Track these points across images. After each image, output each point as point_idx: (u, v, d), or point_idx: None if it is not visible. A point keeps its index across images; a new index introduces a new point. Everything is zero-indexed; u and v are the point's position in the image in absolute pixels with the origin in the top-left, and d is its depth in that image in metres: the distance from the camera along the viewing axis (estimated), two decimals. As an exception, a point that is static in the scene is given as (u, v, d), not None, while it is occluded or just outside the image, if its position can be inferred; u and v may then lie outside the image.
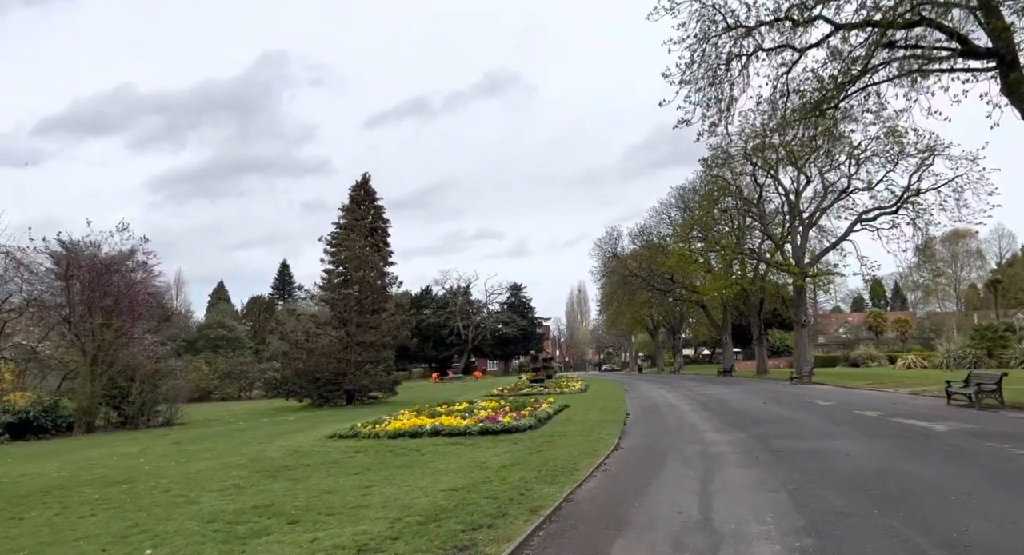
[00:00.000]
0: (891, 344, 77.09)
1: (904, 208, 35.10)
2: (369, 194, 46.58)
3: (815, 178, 38.66)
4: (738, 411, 18.40)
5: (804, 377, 33.98)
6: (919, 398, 20.09)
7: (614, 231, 64.83)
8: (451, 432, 14.49)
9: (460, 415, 16.88)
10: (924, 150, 33.53)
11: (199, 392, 46.60)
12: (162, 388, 23.35)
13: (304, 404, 29.30)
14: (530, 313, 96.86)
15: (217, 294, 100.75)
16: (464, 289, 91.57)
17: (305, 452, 12.86)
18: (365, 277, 29.83)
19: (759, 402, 21.36)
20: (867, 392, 24.64)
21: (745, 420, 15.71)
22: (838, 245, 38.07)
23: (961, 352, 48.94)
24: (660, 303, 63.20)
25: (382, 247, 47.75)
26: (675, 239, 47.44)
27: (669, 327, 72.18)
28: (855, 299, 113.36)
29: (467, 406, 19.55)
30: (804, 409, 17.78)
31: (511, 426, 14.86)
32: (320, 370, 28.03)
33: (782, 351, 71.91)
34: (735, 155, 37.47)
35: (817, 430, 12.89)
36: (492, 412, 17.62)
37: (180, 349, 63.66)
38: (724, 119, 15.47)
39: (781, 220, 41.63)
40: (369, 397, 30.48)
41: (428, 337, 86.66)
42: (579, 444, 12.30)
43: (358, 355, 28.80)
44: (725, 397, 24.59)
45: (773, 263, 40.84)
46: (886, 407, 16.89)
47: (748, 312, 51.05)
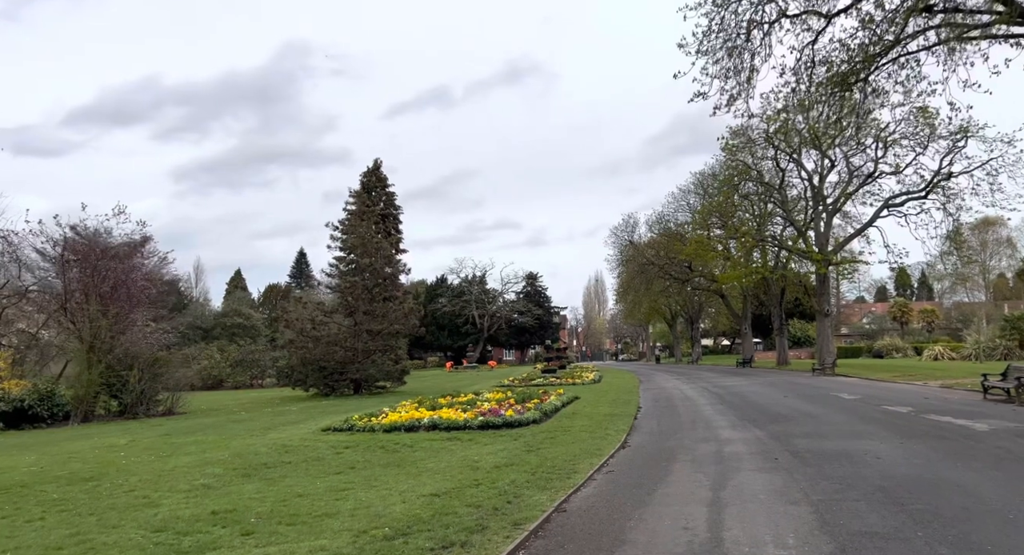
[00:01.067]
0: (917, 335, 75.06)
1: (934, 193, 33.57)
2: (380, 181, 46.04)
3: (839, 162, 37.20)
4: (756, 405, 17.39)
5: (827, 369, 32.77)
6: (952, 392, 18.91)
7: (630, 218, 63.62)
8: (449, 426, 13.69)
9: (462, 407, 16.08)
10: (956, 132, 31.94)
11: (211, 380, 46.46)
12: (164, 376, 22.81)
13: (311, 393, 28.73)
14: (546, 302, 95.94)
15: (234, 282, 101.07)
16: (480, 278, 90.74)
17: (293, 447, 12.13)
18: (373, 264, 29.08)
19: (779, 395, 20.32)
20: (894, 385, 23.46)
21: (764, 415, 14.73)
22: (863, 232, 36.61)
23: (991, 343, 47.24)
24: (678, 292, 61.93)
25: (393, 234, 47.25)
26: (694, 226, 46.14)
27: (687, 317, 70.88)
28: (879, 289, 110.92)
29: (471, 397, 18.75)
30: (827, 404, 16.73)
31: (513, 420, 14.02)
32: (326, 359, 27.40)
33: (803, 342, 70.29)
34: (756, 139, 36.16)
35: (843, 428, 11.88)
36: (496, 404, 16.81)
37: (197, 336, 63.92)
38: (744, 93, 14.38)
39: (804, 206, 40.17)
40: (376, 387, 29.84)
41: (443, 326, 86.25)
42: (583, 441, 11.43)
43: (365, 343, 28.12)
44: (743, 390, 23.55)
45: (795, 250, 39.47)
46: (917, 402, 15.78)
47: (769, 302, 49.69)
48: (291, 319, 28.40)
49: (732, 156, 37.16)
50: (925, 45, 14.43)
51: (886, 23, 13.99)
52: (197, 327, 68.83)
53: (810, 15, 13.65)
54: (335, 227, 29.45)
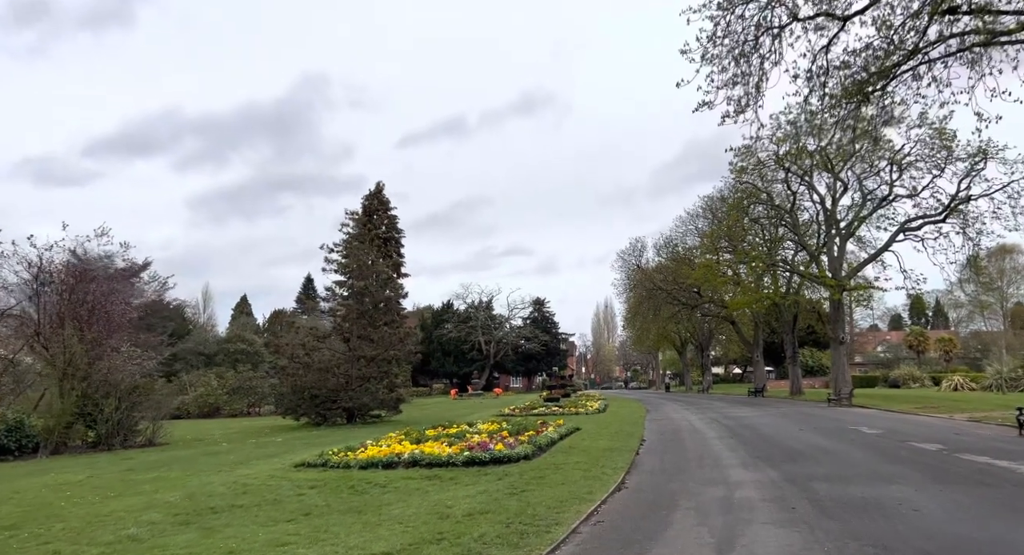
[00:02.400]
0: (934, 364, 72.98)
1: (953, 216, 32.30)
2: (383, 204, 45.17)
3: (853, 185, 36.09)
4: (770, 440, 16.06)
5: (843, 399, 31.22)
6: (983, 427, 17.47)
7: (638, 242, 62.53)
8: (431, 462, 12.47)
9: (450, 440, 14.85)
10: (975, 153, 30.83)
11: (207, 407, 45.36)
12: (143, 405, 21.70)
13: (302, 423, 27.50)
14: (554, 328, 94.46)
15: (240, 308, 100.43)
16: (486, 303, 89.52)
17: (253, 487, 10.95)
18: (368, 287, 28.06)
19: (794, 428, 18.94)
20: (918, 418, 21.99)
21: (778, 452, 13.41)
22: (879, 257, 35.27)
23: (1014, 374, 45.43)
24: (687, 318, 60.45)
25: (394, 258, 46.27)
26: (702, 250, 44.95)
27: (697, 344, 69.22)
28: (893, 317, 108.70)
29: (461, 429, 17.50)
30: (848, 439, 15.37)
31: (502, 455, 12.80)
32: (318, 386, 26.24)
33: (816, 370, 68.39)
34: (766, 161, 35.17)
35: (868, 469, 10.58)
36: (487, 437, 15.57)
37: (200, 362, 62.99)
38: (753, 101, 13.36)
39: (816, 230, 38.97)
40: (371, 416, 28.59)
41: (449, 352, 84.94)
42: (574, 482, 10.20)
43: (359, 370, 26.97)
44: (755, 422, 22.15)
45: (808, 276, 38.16)
46: (947, 438, 14.42)
47: (780, 329, 48.19)
48: (282, 345, 27.32)
49: (741, 178, 36.16)
50: (948, 52, 13.41)
51: (904, 28, 13.02)
52: (200, 353, 67.91)
53: (823, 17, 12.67)
54: (330, 249, 28.35)
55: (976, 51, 13.58)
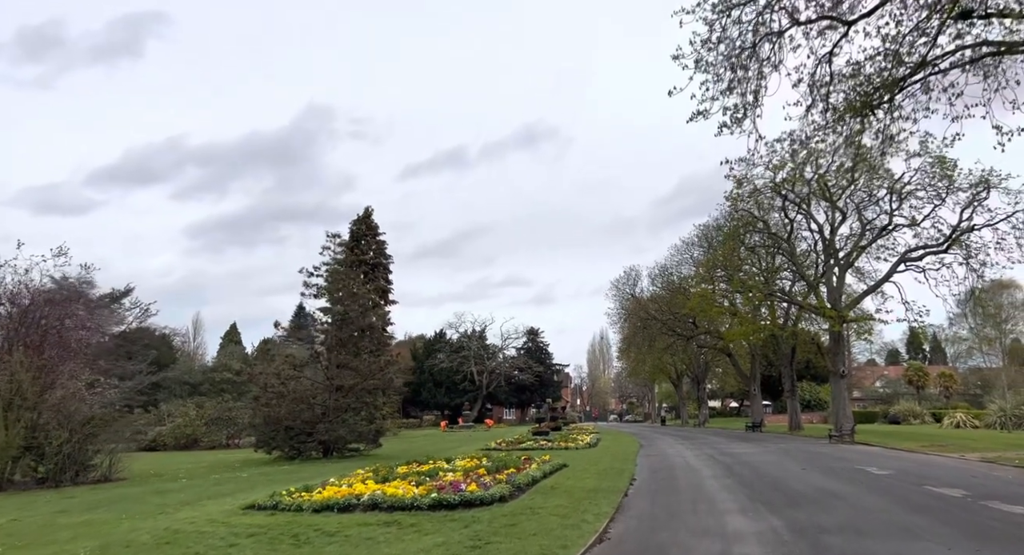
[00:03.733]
0: (934, 400, 71.56)
1: (955, 247, 31.33)
2: (371, 229, 44.36)
3: (851, 214, 35.18)
4: (771, 480, 14.72)
5: (845, 436, 29.84)
6: (999, 469, 16.15)
7: (632, 271, 61.54)
8: (393, 505, 11.12)
9: (419, 479, 13.48)
10: (977, 183, 30.05)
11: (185, 439, 43.55)
12: (99, 438, 20.20)
13: (274, 457, 25.94)
14: (548, 359, 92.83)
15: (229, 336, 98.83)
16: (479, 333, 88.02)
17: (184, 535, 9.59)
18: (348, 312, 26.81)
19: (796, 467, 17.60)
20: (926, 457, 20.65)
21: (781, 495, 12.09)
22: (879, 287, 34.21)
23: (1018, 411, 44.11)
24: (683, 349, 59.12)
25: (383, 284, 45.21)
26: (697, 280, 43.89)
27: (693, 377, 67.76)
28: (890, 351, 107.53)
29: (433, 466, 16.09)
30: (856, 481, 14.05)
31: (475, 497, 11.46)
32: (292, 417, 24.79)
33: (814, 405, 66.83)
34: (762, 188, 34.35)
35: (886, 519, 9.29)
36: (462, 475, 14.21)
37: (184, 392, 61.21)
38: (751, 112, 12.38)
39: (814, 260, 38.00)
40: (349, 449, 27.07)
41: (440, 383, 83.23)
42: (549, 531, 8.89)
43: (336, 400, 25.58)
44: (754, 459, 20.77)
45: (806, 307, 37.04)
46: (965, 482, 13.11)
47: (778, 361, 46.92)
48: (255, 373, 25.93)
49: (737, 206, 35.30)
50: (960, 61, 12.52)
51: (914, 34, 12.13)
52: (185, 382, 66.19)
53: (825, 20, 11.78)
54: (310, 273, 27.15)
55: (988, 62, 12.70)
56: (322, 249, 27.79)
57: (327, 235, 27.75)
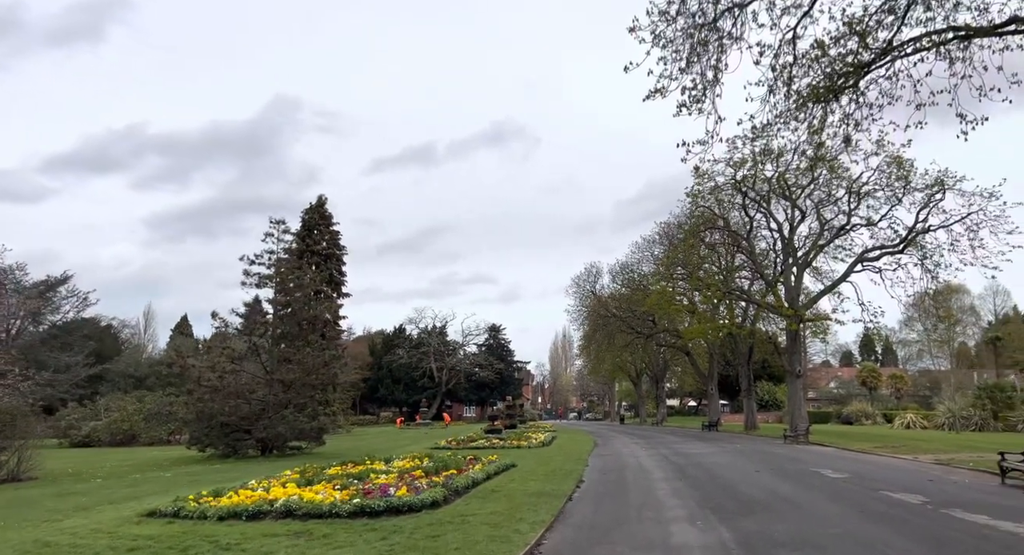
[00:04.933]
0: (886, 401, 72.84)
1: (911, 248, 31.35)
2: (324, 218, 42.74)
3: (810, 213, 35.03)
4: (723, 483, 13.99)
5: (800, 436, 29.57)
6: (955, 472, 15.73)
7: (593, 268, 60.99)
8: (309, 512, 10.02)
9: (345, 482, 12.35)
10: (933, 184, 30.06)
11: (122, 434, 41.39)
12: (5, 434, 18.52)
13: (208, 455, 24.41)
14: (509, 356, 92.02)
15: (179, 329, 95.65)
16: (439, 329, 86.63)
17: (53, 549, 8.33)
18: (291, 303, 25.41)
19: (750, 469, 16.97)
20: (881, 459, 20.30)
21: (733, 501, 11.33)
22: (836, 287, 34.11)
23: (965, 412, 44.82)
24: (643, 348, 58.80)
25: (336, 276, 43.66)
26: (657, 278, 43.42)
27: (652, 375, 67.61)
28: (844, 353, 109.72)
29: (365, 468, 14.96)
30: (811, 485, 13.40)
31: (402, 503, 10.42)
32: (227, 413, 23.32)
33: (770, 405, 67.34)
34: (723, 185, 33.98)
35: (843, 530, 8.54)
36: (396, 477, 13.14)
37: (129, 385, 58.52)
38: (711, 92, 11.56)
39: (773, 259, 37.83)
40: (290, 447, 25.71)
41: (398, 379, 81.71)
42: (475, 544, 7.90)
43: (275, 396, 24.20)
44: (708, 460, 20.13)
45: (764, 305, 36.83)
46: (922, 486, 12.54)
47: (736, 361, 46.80)
48: (186, 365, 24.35)
49: (697, 203, 34.85)
50: (926, 46, 11.92)
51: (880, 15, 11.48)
52: (130, 375, 63.44)
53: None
54: (251, 261, 25.58)
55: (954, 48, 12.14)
56: (265, 236, 26.01)
57: (271, 221, 26.03)
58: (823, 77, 12.33)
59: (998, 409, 46.65)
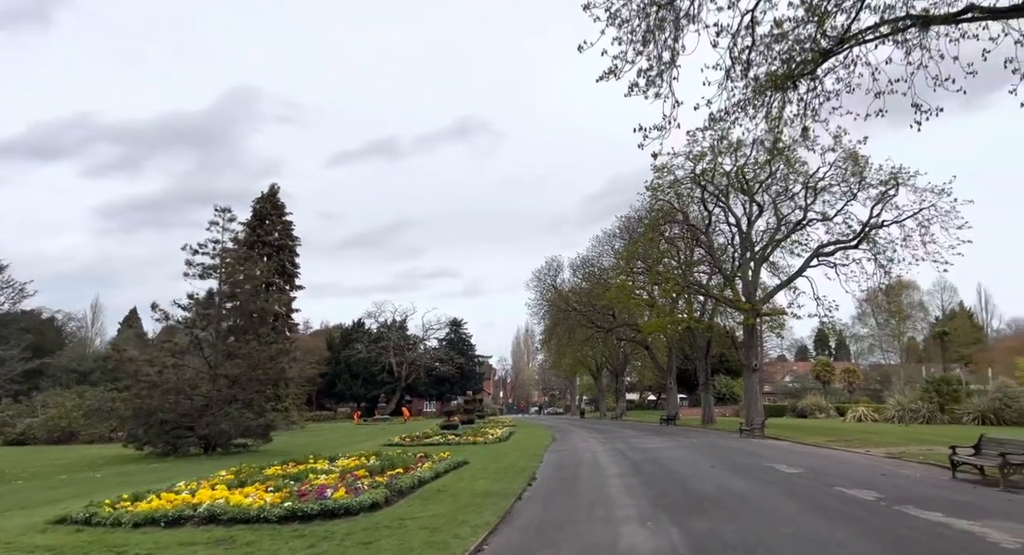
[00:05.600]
0: (839, 395, 74.51)
1: (864, 243, 31.74)
2: (277, 208, 41.36)
3: (768, 208, 35.22)
4: (677, 479, 13.65)
5: (755, 430, 29.67)
6: (906, 466, 15.72)
7: (554, 261, 60.76)
8: (235, 517, 9.28)
9: (279, 483, 11.60)
10: (887, 180, 30.44)
11: (59, 431, 39.54)
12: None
13: (146, 453, 23.23)
14: (470, 351, 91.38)
15: (128, 322, 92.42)
16: (400, 323, 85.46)
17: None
18: (237, 295, 24.33)
19: (705, 464, 16.72)
20: (834, 453, 20.33)
21: (687, 499, 10.95)
22: (793, 282, 34.41)
23: (914, 405, 45.95)
24: (603, 342, 58.83)
25: (288, 268, 42.37)
26: (617, 272, 43.28)
27: (612, 370, 67.78)
28: (799, 348, 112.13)
29: (305, 467, 14.21)
30: (766, 481, 13.14)
31: (338, 506, 9.76)
32: (166, 410, 22.19)
33: (727, 398, 68.23)
34: (682, 179, 33.91)
35: (797, 529, 8.20)
36: (338, 477, 12.45)
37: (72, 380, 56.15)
38: (667, 74, 11.12)
39: (731, 254, 38.00)
40: (235, 445, 24.69)
41: (357, 374, 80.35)
42: (409, 552, 7.30)
43: (219, 392, 23.15)
44: (664, 455, 19.87)
45: (722, 299, 36.97)
46: (876, 482, 12.37)
47: (694, 355, 47.08)
48: (122, 359, 23.12)
49: (657, 196, 34.71)
50: (882, 34, 11.69)
51: None
52: (73, 370, 60.93)
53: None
54: (194, 250, 24.39)
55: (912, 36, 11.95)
56: (210, 224, 24.84)
57: (216, 209, 24.81)
58: (781, 63, 12.02)
59: (944, 402, 47.97)
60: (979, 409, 43.71)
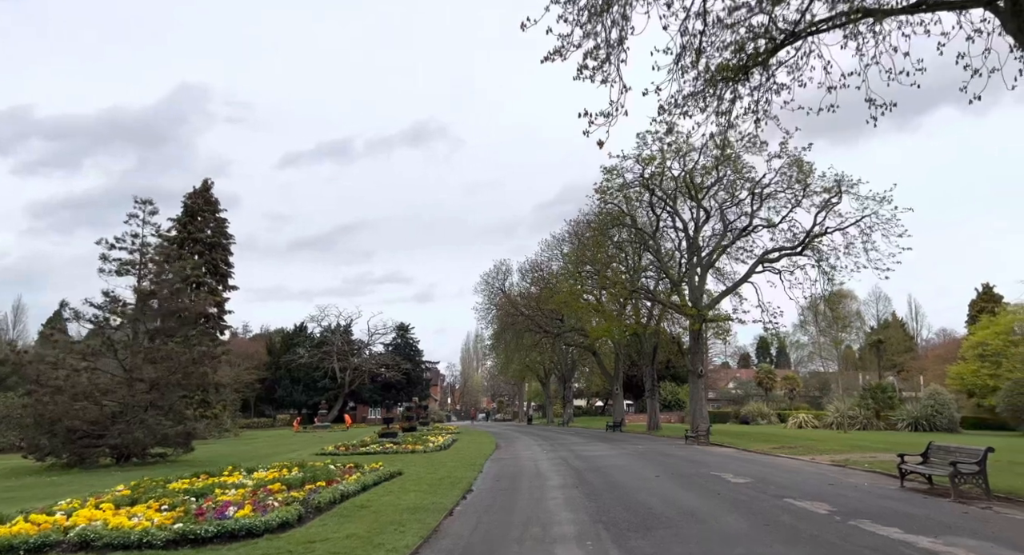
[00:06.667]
0: (780, 401, 75.95)
1: (808, 250, 31.95)
2: (210, 204, 39.17)
3: (715, 214, 35.21)
4: (621, 492, 12.84)
5: (700, 436, 29.34)
6: (852, 474, 15.33)
7: (503, 265, 59.87)
8: (112, 543, 7.97)
9: (175, 501, 10.26)
10: (830, 187, 30.73)
11: (-41, 443, 36.29)
12: None
13: (48, 464, 21.19)
14: (418, 356, 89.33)
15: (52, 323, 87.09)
16: (344, 327, 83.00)
17: None
18: (156, 292, 22.55)
19: (650, 474, 16.01)
20: (779, 460, 19.96)
21: (629, 514, 10.13)
22: (738, 288, 34.44)
23: (852, 412, 46.93)
24: (551, 347, 58.22)
25: (222, 267, 40.22)
26: (565, 276, 42.72)
27: (560, 375, 67.25)
28: (742, 355, 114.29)
29: (212, 481, 12.84)
30: (713, 492, 12.45)
31: (239, 527, 8.55)
32: (72, 417, 20.24)
33: (673, 405, 68.61)
34: (631, 182, 33.60)
35: (747, 551, 7.43)
36: (243, 494, 11.17)
37: (-5, 387, 52.23)
38: (615, 57, 10.36)
39: (679, 259, 37.88)
40: (153, 455, 22.85)
41: (298, 379, 77.52)
42: (305, 587, 6.20)
43: (133, 398, 21.32)
44: (609, 463, 19.13)
45: (669, 304, 36.76)
46: (824, 493, 11.82)
47: (641, 361, 46.87)
48: (22, 362, 21.08)
49: (605, 199, 34.27)
50: (836, 24, 11.24)
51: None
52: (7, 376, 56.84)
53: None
54: (111, 245, 22.51)
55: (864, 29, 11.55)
56: (128, 217, 22.96)
57: (135, 201, 22.93)
58: (733, 53, 11.44)
59: (880, 408, 49.25)
60: (912, 416, 44.94)
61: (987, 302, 63.16)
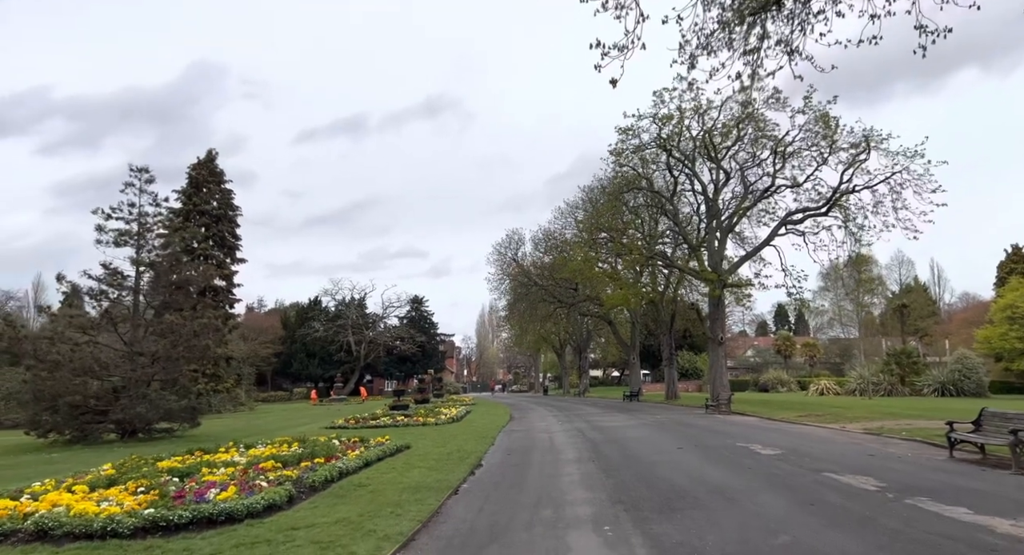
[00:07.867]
0: (799, 369, 74.67)
1: (834, 210, 30.38)
2: (215, 175, 38.17)
3: (735, 176, 33.64)
4: (642, 467, 11.88)
5: (721, 405, 28.36)
6: (891, 443, 14.24)
7: (515, 235, 58.66)
8: (74, 531, 7.13)
9: (151, 484, 9.43)
10: (858, 143, 29.04)
11: (-26, 419, 36.26)
12: None
13: (50, 441, 20.68)
14: (432, 329, 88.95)
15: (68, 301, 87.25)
16: (358, 301, 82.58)
17: None
18: (156, 263, 21.75)
19: (671, 446, 15.04)
20: (808, 429, 18.90)
21: (652, 493, 9.15)
22: (760, 251, 32.99)
23: (876, 378, 45.62)
24: (566, 317, 57.25)
25: (228, 239, 39.44)
26: (579, 244, 41.47)
27: (575, 346, 66.41)
28: (759, 324, 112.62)
29: (202, 459, 12.03)
30: (743, 466, 11.45)
31: (219, 510, 7.71)
32: (72, 392, 19.64)
33: (691, 374, 67.63)
34: (648, 143, 32.11)
35: (793, 538, 6.41)
36: (233, 472, 10.34)
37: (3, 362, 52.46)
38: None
39: (697, 224, 36.46)
40: (158, 430, 22.28)
41: (313, 353, 77.54)
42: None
43: (135, 372, 20.68)
44: (626, 436, 18.19)
45: (687, 270, 35.47)
46: (868, 465, 10.77)
47: (658, 330, 45.81)
48: (17, 337, 20.45)
49: (620, 161, 32.80)
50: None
51: None
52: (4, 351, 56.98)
53: None
54: (107, 215, 21.69)
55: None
56: (124, 186, 22.08)
57: (131, 169, 22.04)
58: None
59: (905, 374, 47.91)
60: (939, 381, 43.63)
61: (1017, 263, 61.05)
